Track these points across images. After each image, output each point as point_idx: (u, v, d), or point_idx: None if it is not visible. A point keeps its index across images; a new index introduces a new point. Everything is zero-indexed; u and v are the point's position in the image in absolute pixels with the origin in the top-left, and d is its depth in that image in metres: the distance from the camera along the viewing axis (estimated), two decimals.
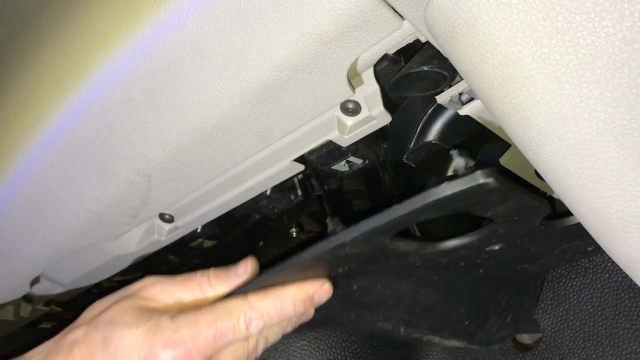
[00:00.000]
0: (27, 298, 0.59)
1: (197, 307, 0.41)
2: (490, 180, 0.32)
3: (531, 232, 0.43)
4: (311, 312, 0.46)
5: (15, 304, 0.59)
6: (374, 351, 0.77)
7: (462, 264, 0.48)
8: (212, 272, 0.43)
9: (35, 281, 0.55)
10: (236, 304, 0.40)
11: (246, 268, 0.43)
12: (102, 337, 0.40)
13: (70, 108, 0.37)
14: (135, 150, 0.39)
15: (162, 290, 0.42)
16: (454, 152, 0.38)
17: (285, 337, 0.77)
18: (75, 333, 0.41)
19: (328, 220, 0.46)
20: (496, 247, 0.45)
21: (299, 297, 0.41)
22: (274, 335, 0.44)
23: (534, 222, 0.41)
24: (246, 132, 0.37)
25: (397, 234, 0.39)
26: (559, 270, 0.66)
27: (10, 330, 0.62)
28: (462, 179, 0.32)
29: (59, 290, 0.58)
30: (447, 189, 0.33)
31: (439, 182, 0.33)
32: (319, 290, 0.43)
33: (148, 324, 0.39)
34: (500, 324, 0.60)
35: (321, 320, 0.49)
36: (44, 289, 0.58)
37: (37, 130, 0.39)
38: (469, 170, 0.34)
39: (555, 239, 0.46)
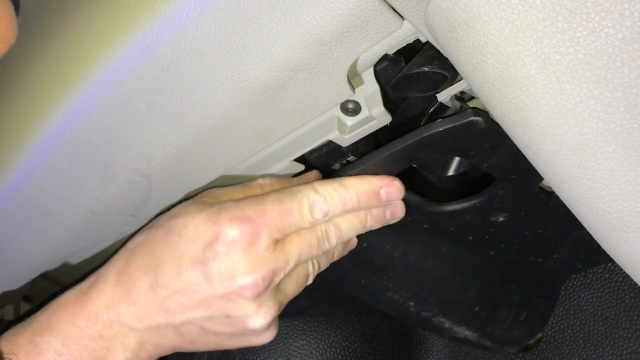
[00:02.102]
0: (27, 298, 0.59)
1: None
2: (479, 119, 0.34)
3: (533, 203, 0.44)
4: (355, 241, 0.44)
5: (15, 304, 0.59)
6: (374, 351, 0.77)
7: (470, 237, 0.49)
8: (274, 178, 0.41)
9: (35, 281, 0.55)
10: (299, 187, 0.39)
11: (309, 178, 0.41)
12: (164, 231, 0.38)
13: (71, 108, 0.37)
14: (136, 150, 0.39)
15: (223, 193, 0.40)
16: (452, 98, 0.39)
17: (285, 337, 0.77)
18: (137, 238, 0.40)
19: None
20: (501, 219, 0.46)
21: (363, 188, 0.39)
22: (347, 226, 0.40)
23: (531, 183, 0.41)
24: (246, 132, 0.37)
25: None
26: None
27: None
28: (455, 116, 0.35)
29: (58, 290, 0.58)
30: (440, 125, 0.35)
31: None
32: (387, 185, 0.39)
33: (211, 208, 0.38)
34: (513, 320, 0.60)
35: (337, 280, 0.50)
36: (44, 289, 0.58)
37: (37, 130, 0.39)
38: (463, 112, 0.36)
39: (561, 218, 0.46)
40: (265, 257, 0.37)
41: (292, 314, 0.76)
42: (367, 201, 0.39)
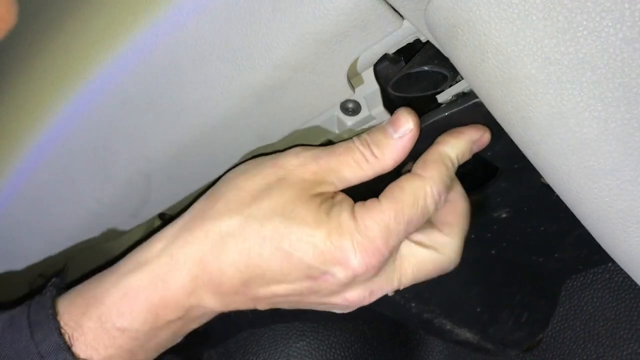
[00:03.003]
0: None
1: (359, 180, 0.36)
2: (481, 101, 0.34)
3: (535, 197, 0.44)
4: None
5: None
6: (374, 351, 0.77)
7: (472, 235, 0.49)
8: (369, 140, 0.35)
9: (35, 281, 0.55)
10: (416, 185, 0.35)
11: (407, 124, 0.35)
12: (272, 231, 0.34)
13: (71, 108, 0.37)
14: (135, 150, 0.39)
15: (327, 170, 0.35)
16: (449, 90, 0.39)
17: (285, 338, 0.77)
18: (222, 222, 0.35)
19: None
20: (503, 215, 0.46)
21: (462, 153, 0.36)
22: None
23: (534, 175, 0.41)
24: (246, 132, 0.37)
25: None
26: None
27: None
28: (458, 101, 0.35)
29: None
30: (444, 110, 0.35)
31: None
32: (479, 140, 0.37)
33: (329, 225, 0.33)
34: (515, 322, 0.60)
35: None
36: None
37: (37, 131, 0.39)
38: (467, 95, 0.36)
39: (562, 215, 0.46)
40: (381, 280, 0.36)
41: (291, 319, 0.76)
42: (462, 161, 0.37)
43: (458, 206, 0.38)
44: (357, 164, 0.35)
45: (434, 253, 0.37)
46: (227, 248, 0.34)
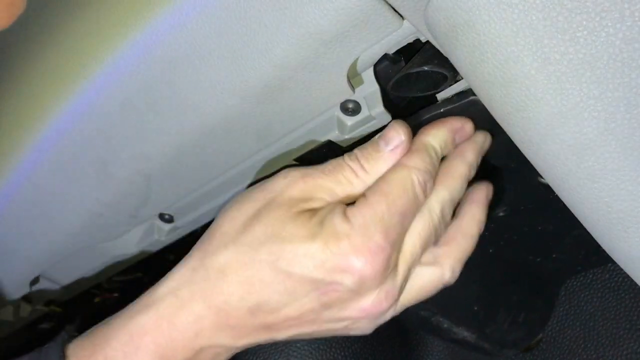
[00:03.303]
0: (27, 298, 0.59)
1: (350, 197, 0.35)
2: (477, 98, 0.33)
3: (533, 196, 0.44)
4: None
5: (15, 304, 0.59)
6: (373, 351, 0.77)
7: None
8: (359, 155, 0.35)
9: (35, 281, 0.55)
10: (402, 175, 0.34)
11: (399, 137, 0.35)
12: (267, 254, 0.33)
13: (70, 108, 0.37)
14: (135, 150, 0.39)
15: (315, 186, 0.35)
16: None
17: None
18: (220, 256, 0.34)
19: None
20: (500, 214, 0.47)
21: (444, 142, 0.36)
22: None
23: (532, 174, 0.42)
24: (246, 132, 0.37)
25: None
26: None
27: (9, 330, 0.62)
28: (454, 98, 0.35)
29: (58, 290, 0.58)
30: (440, 106, 0.36)
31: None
32: (461, 130, 0.36)
33: (324, 234, 0.32)
34: (512, 322, 0.60)
35: None
36: (44, 289, 0.58)
37: (37, 131, 0.39)
38: (463, 92, 0.36)
39: (560, 215, 0.46)
40: (394, 282, 0.34)
41: None
42: (444, 152, 0.36)
43: (460, 225, 0.38)
44: (347, 180, 0.35)
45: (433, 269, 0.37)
46: (227, 280, 0.34)
